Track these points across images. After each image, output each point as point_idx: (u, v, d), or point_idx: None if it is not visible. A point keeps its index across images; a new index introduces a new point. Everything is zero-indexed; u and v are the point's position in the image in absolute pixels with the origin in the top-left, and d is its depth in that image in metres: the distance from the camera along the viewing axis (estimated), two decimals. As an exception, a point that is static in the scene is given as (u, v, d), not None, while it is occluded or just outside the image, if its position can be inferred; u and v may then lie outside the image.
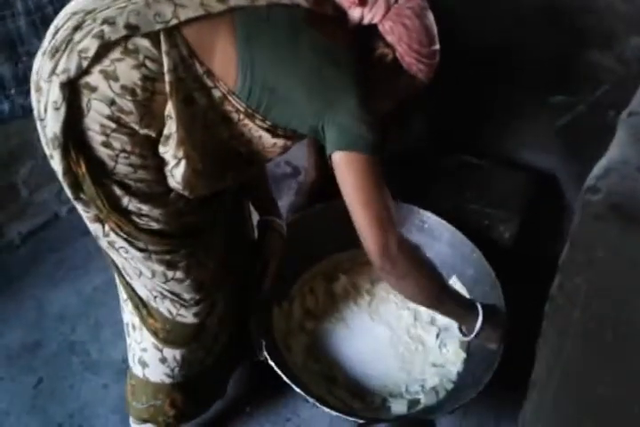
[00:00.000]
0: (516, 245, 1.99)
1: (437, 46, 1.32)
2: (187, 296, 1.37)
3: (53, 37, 1.14)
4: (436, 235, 1.90)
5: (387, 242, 1.25)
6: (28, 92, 1.22)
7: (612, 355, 0.84)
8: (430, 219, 1.90)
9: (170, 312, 1.38)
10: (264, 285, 1.64)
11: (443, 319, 1.83)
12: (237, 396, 1.82)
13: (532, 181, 2.10)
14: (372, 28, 1.29)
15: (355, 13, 1.28)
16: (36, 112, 1.17)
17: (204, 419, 1.69)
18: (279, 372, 1.52)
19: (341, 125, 1.19)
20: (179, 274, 1.33)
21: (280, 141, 1.27)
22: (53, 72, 1.10)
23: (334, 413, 1.47)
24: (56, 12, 1.21)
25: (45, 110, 1.12)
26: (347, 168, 1.21)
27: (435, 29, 1.31)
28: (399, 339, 1.81)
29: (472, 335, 1.52)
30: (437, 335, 1.82)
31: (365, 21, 1.28)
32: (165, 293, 1.35)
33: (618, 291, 0.79)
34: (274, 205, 1.71)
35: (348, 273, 1.94)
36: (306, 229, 1.86)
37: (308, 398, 1.49)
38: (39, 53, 1.16)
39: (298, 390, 1.50)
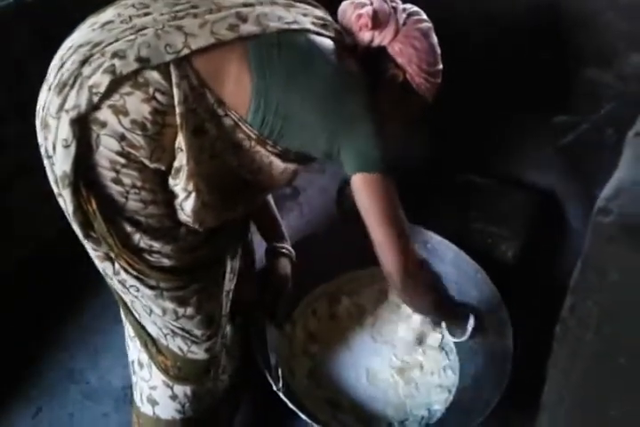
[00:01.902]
0: (519, 263, 1.98)
1: (441, 66, 1.34)
2: (198, 333, 1.35)
3: (59, 71, 1.11)
4: (440, 255, 1.89)
5: (408, 262, 1.26)
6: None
7: (624, 378, 0.83)
8: (433, 239, 1.90)
9: (181, 349, 1.35)
10: (279, 312, 1.64)
11: (450, 342, 1.83)
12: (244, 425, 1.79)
13: (534, 199, 2.10)
14: (381, 51, 1.30)
15: (365, 37, 1.28)
16: (43, 150, 1.14)
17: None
18: (284, 399, 1.49)
19: (358, 149, 1.19)
20: (189, 310, 1.30)
21: (290, 166, 1.26)
22: (62, 108, 1.07)
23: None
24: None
25: (54, 148, 1.09)
26: (365, 189, 1.21)
27: (439, 49, 1.33)
28: (403, 361, 1.79)
29: (465, 337, 1.63)
30: (444, 357, 1.80)
31: (375, 44, 1.29)
32: (177, 330, 1.32)
33: (630, 314, 0.78)
34: (280, 231, 1.70)
35: (350, 295, 1.93)
36: (308, 252, 1.84)
37: (314, 425, 1.47)
38: (44, 88, 1.14)
39: (304, 417, 1.47)
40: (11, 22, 1.73)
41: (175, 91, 1.08)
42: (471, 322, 1.62)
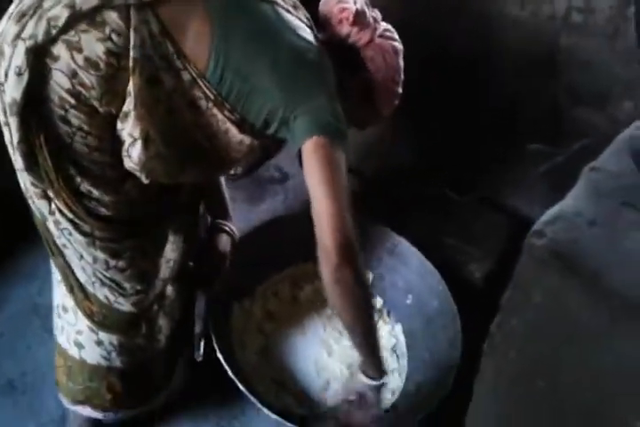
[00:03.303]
0: (486, 285, 1.99)
1: (401, 90, 1.37)
2: (127, 285, 1.35)
3: (20, 2, 1.12)
4: (406, 260, 1.91)
5: (350, 238, 1.17)
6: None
7: (542, 401, 0.86)
8: (402, 243, 1.91)
9: (107, 298, 1.36)
10: (214, 286, 1.65)
11: (402, 348, 1.86)
12: (187, 387, 1.81)
13: (510, 223, 2.09)
14: (353, 51, 1.32)
15: (342, 30, 1.30)
16: None
17: (150, 407, 1.68)
18: (227, 368, 1.53)
19: (315, 115, 1.17)
20: (121, 263, 1.31)
21: (247, 139, 1.25)
22: (19, 36, 1.07)
23: (273, 416, 1.47)
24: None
25: (6, 75, 1.09)
26: (316, 153, 1.16)
27: (403, 74, 1.37)
28: (353, 357, 1.82)
29: (381, 381, 1.42)
30: (394, 360, 1.84)
31: (351, 40, 1.31)
32: (105, 280, 1.33)
33: (551, 337, 0.81)
34: (226, 210, 1.70)
35: (313, 283, 1.94)
36: (282, 233, 1.87)
37: (251, 397, 1.50)
38: (4, 17, 1.13)
39: (243, 388, 1.50)
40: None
41: (132, 34, 1.08)
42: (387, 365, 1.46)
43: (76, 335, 1.43)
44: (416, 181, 2.16)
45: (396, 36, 1.37)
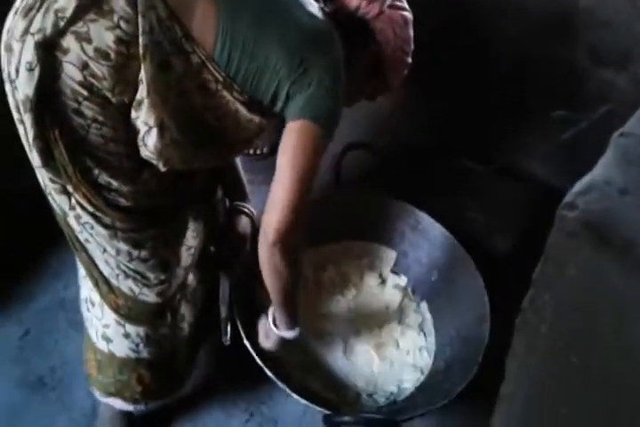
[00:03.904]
0: (511, 255, 1.97)
1: (411, 59, 1.36)
2: (150, 275, 1.36)
3: None
4: (430, 237, 1.89)
5: (294, 226, 1.20)
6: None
7: (575, 377, 0.84)
8: (425, 220, 1.89)
9: (132, 290, 1.37)
10: (235, 269, 1.64)
11: (429, 325, 1.85)
12: (215, 373, 1.83)
13: (533, 192, 2.08)
14: (362, 24, 1.30)
15: (352, 2, 1.28)
16: (5, 74, 1.12)
17: (176, 395, 1.69)
18: (254, 354, 1.53)
19: (315, 98, 1.18)
20: (144, 253, 1.31)
21: (256, 118, 1.24)
22: (27, 31, 1.06)
23: (302, 401, 1.48)
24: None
25: (17, 71, 1.08)
26: (298, 134, 1.19)
27: (413, 43, 1.35)
28: (381, 337, 1.81)
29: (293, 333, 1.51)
30: (422, 338, 1.83)
31: (359, 13, 1.29)
32: (129, 271, 1.33)
33: (585, 311, 0.78)
34: (244, 193, 1.70)
35: (337, 264, 1.94)
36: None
37: (279, 383, 1.50)
38: (11, 13, 1.12)
39: (270, 374, 1.50)
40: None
41: (140, 20, 1.07)
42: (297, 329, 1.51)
43: (103, 329, 1.45)
44: (433, 155, 2.14)
45: (406, 5, 1.34)
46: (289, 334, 1.50)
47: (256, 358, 1.52)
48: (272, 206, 1.21)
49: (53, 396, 1.79)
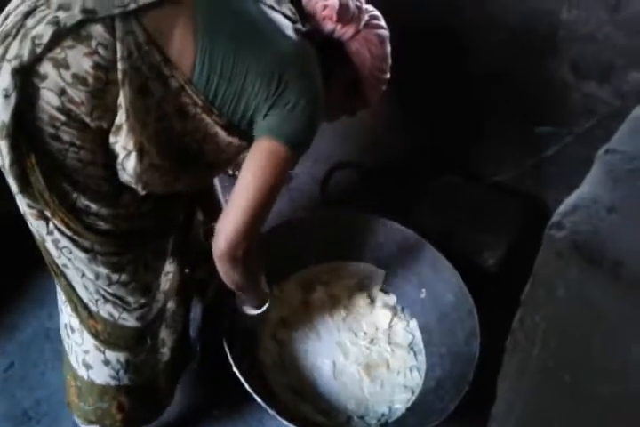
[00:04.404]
0: (500, 271, 1.96)
1: (389, 75, 1.38)
2: (130, 300, 1.34)
3: (3, 22, 1.10)
4: (418, 255, 1.88)
5: (239, 246, 1.23)
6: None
7: (568, 396, 0.83)
8: (413, 238, 1.88)
9: (111, 315, 1.35)
10: (209, 292, 1.65)
11: (419, 343, 1.83)
12: (205, 399, 1.80)
13: (521, 207, 2.07)
14: (338, 45, 1.31)
15: (327, 27, 1.29)
16: None
17: (168, 421, 1.67)
18: (243, 381, 1.50)
19: (287, 120, 1.19)
20: (124, 277, 1.30)
21: (235, 141, 1.25)
22: (4, 58, 1.06)
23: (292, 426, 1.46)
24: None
25: None
26: (264, 154, 1.20)
27: (390, 59, 1.37)
28: (371, 358, 1.79)
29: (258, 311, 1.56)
30: (412, 358, 1.81)
31: (335, 36, 1.30)
32: (108, 296, 1.32)
33: (575, 331, 0.78)
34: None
35: (326, 285, 1.92)
36: (289, 236, 1.85)
37: (269, 409, 1.47)
38: None
39: (259, 400, 1.48)
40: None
41: (119, 46, 1.06)
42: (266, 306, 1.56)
43: (83, 355, 1.42)
44: (420, 172, 2.13)
45: (382, 23, 1.35)
46: (255, 312, 1.56)
47: (246, 384, 1.50)
48: (222, 227, 1.23)
49: (39, 430, 1.75)
